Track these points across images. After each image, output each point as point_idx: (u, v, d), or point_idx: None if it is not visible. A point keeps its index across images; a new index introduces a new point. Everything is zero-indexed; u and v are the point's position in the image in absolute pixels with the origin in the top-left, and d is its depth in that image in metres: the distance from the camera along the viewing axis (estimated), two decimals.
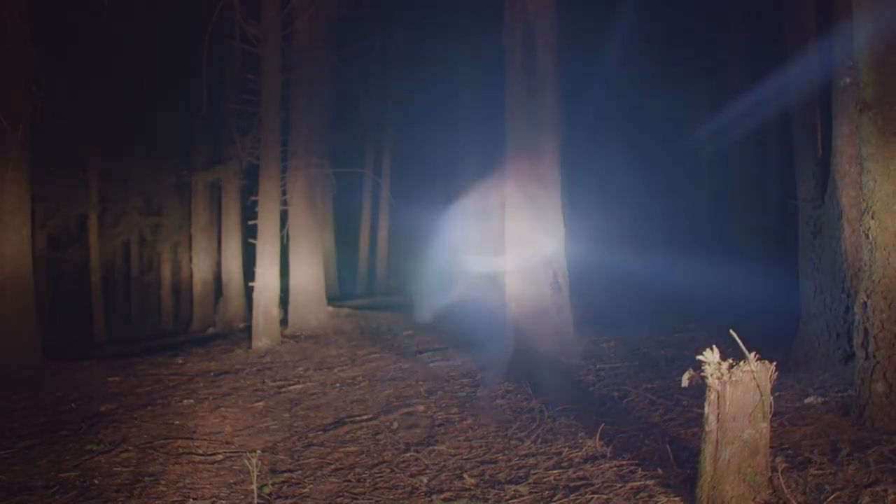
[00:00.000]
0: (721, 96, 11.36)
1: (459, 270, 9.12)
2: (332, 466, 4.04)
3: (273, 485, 3.77)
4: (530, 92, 6.31)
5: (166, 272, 16.32)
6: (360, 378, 6.32)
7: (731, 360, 2.87)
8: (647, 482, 3.25)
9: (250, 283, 8.96)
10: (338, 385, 6.12)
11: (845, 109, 4.31)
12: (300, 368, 6.96)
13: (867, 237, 3.59)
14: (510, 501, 3.29)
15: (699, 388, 2.93)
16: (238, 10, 8.36)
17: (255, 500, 3.52)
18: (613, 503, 3.10)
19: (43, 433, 4.90)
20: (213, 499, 3.62)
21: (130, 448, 4.48)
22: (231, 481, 3.86)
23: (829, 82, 4.89)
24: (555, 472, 3.58)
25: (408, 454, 4.12)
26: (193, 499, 3.62)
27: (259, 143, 9.09)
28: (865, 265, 3.63)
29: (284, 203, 9.45)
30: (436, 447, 4.20)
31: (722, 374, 2.82)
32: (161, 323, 16.05)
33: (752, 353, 2.87)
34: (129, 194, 15.28)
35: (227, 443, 4.65)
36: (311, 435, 4.67)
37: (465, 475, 3.69)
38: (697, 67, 12.90)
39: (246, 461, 3.86)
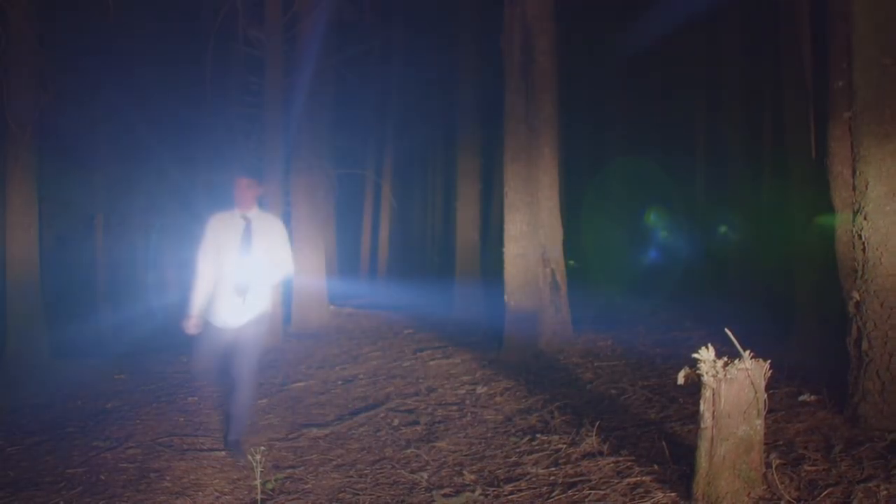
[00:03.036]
0: (718, 98, 11.43)
1: None
2: (334, 463, 4.11)
3: (276, 480, 3.84)
4: (529, 95, 6.38)
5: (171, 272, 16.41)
6: (362, 376, 6.39)
7: (726, 359, 2.91)
8: (644, 478, 3.30)
9: None
10: (339, 383, 6.19)
11: (838, 111, 4.36)
12: (303, 366, 7.02)
13: (860, 237, 3.64)
14: (509, 497, 3.34)
15: (695, 386, 2.97)
16: (241, 14, 8.44)
17: (259, 496, 3.58)
18: (611, 499, 3.15)
19: (50, 430, 4.96)
20: (218, 494, 3.68)
21: (136, 444, 4.54)
22: (235, 477, 3.92)
23: (822, 84, 4.94)
24: (553, 468, 3.63)
25: (408, 451, 4.18)
26: (198, 494, 3.68)
27: (262, 144, 9.17)
28: (858, 265, 3.68)
29: (287, 204, 9.53)
30: (436, 444, 4.26)
31: (717, 372, 2.86)
32: (166, 322, 16.13)
33: (747, 352, 2.92)
34: (135, 195, 15.38)
35: None
36: (313, 432, 4.74)
37: (464, 471, 3.75)
38: (692, 73, 12.95)
39: (249, 457, 3.92)
